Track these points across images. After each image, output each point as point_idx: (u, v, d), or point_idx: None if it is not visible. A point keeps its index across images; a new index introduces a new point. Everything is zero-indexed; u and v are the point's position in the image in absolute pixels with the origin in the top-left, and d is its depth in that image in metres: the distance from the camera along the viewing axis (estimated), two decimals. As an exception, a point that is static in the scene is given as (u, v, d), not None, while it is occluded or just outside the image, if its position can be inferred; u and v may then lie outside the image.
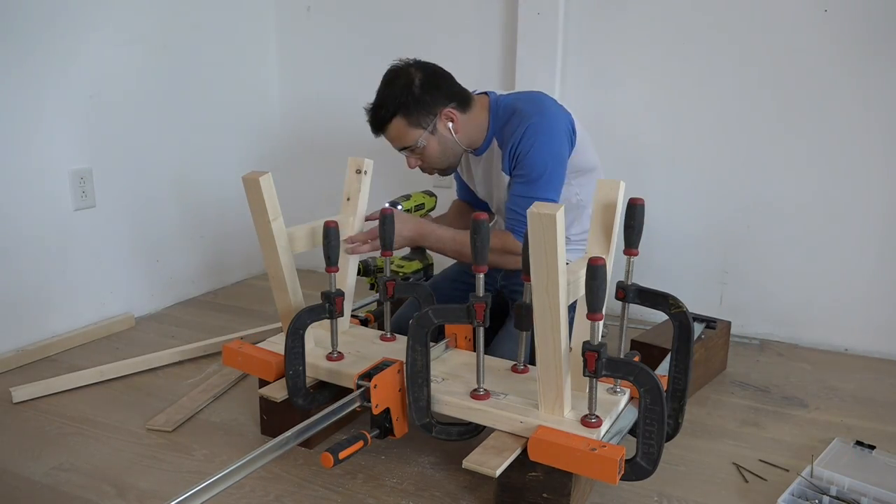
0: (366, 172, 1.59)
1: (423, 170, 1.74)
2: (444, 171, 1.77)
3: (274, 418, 1.52)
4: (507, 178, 1.67)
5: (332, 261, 1.41)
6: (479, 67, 2.37)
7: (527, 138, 1.59)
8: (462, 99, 1.66)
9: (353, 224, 1.59)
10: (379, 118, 1.64)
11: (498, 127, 1.68)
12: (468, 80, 1.69)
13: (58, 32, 1.97)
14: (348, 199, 1.61)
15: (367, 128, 1.64)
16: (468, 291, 1.26)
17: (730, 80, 2.09)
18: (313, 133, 2.78)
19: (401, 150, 1.69)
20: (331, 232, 1.40)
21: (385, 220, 1.50)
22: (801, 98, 2.02)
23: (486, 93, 1.74)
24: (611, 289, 1.18)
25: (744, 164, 2.11)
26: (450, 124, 1.65)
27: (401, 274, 1.91)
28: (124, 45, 2.16)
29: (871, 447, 1.48)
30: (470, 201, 1.96)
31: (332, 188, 1.88)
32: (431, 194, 2.01)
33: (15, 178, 1.91)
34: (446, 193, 2.53)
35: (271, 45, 2.75)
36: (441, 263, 1.97)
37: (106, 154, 2.15)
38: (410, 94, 1.60)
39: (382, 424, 1.33)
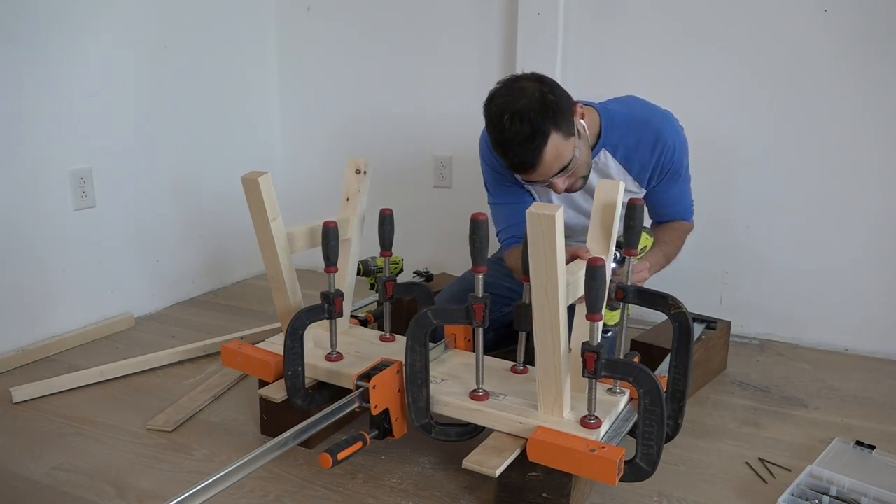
0: (365, 172, 1.59)
1: (568, 190, 1.50)
2: (585, 178, 1.53)
3: (274, 418, 1.52)
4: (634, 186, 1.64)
5: (331, 261, 1.41)
6: (479, 67, 2.37)
7: (678, 151, 1.62)
8: None
9: (352, 224, 1.59)
10: (535, 147, 1.33)
11: (614, 138, 1.55)
12: (468, 79, 1.68)
13: (58, 33, 1.97)
14: (347, 200, 1.61)
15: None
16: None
17: (729, 79, 2.08)
18: (313, 133, 2.78)
19: (556, 174, 1.42)
20: (330, 232, 1.40)
21: (384, 220, 1.49)
22: (801, 98, 2.02)
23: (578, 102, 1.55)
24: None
25: (743, 163, 2.11)
26: (582, 121, 1.44)
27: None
28: (124, 46, 2.16)
29: (871, 447, 1.48)
30: None
31: (332, 188, 1.88)
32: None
33: (15, 178, 1.91)
34: (446, 193, 2.54)
35: (271, 45, 2.75)
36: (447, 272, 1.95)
37: (106, 154, 2.15)
38: (552, 103, 1.33)
39: (382, 425, 1.33)
